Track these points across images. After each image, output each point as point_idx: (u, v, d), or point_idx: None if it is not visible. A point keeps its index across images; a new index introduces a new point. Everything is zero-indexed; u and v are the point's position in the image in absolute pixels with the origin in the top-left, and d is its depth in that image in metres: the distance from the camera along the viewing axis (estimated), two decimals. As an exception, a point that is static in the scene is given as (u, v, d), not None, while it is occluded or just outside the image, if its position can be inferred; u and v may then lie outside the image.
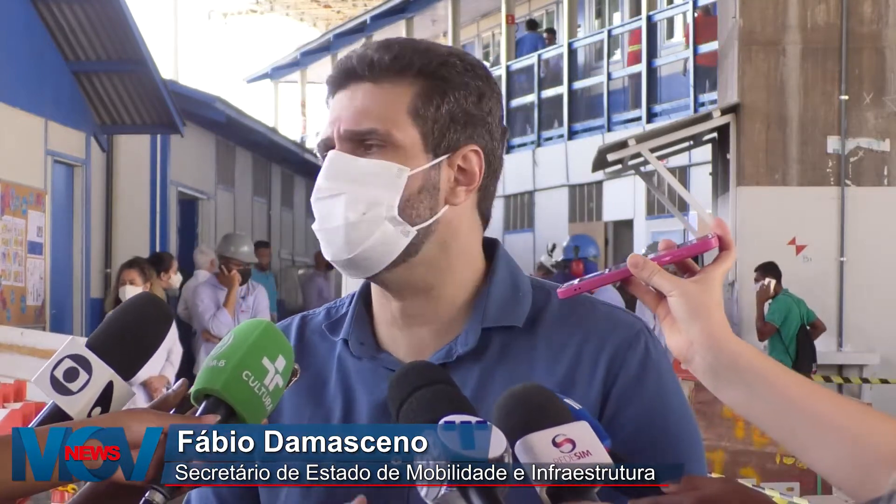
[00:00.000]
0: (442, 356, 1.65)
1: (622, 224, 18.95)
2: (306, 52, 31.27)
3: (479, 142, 1.65)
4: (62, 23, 11.84)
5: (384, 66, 1.63)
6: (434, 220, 1.63)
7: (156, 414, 1.51)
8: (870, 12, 10.66)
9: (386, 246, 1.61)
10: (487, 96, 1.66)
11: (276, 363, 1.54)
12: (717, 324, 1.41)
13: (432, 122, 1.62)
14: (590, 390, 1.60)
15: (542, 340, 1.65)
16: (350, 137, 1.62)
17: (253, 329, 1.55)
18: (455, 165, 1.64)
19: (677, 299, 1.41)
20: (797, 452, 1.39)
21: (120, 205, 14.94)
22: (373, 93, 1.62)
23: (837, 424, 1.36)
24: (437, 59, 1.64)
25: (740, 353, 1.40)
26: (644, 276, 1.44)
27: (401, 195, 1.60)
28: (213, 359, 1.53)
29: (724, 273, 1.44)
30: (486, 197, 1.69)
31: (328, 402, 1.70)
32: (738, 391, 1.40)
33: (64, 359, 1.58)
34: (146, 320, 1.64)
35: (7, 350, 7.56)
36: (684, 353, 1.42)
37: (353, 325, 1.71)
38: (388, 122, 1.61)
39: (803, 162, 10.65)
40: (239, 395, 1.51)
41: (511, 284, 1.69)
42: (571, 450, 1.36)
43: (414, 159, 1.62)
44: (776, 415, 1.38)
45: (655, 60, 17.69)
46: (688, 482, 1.45)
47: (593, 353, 1.62)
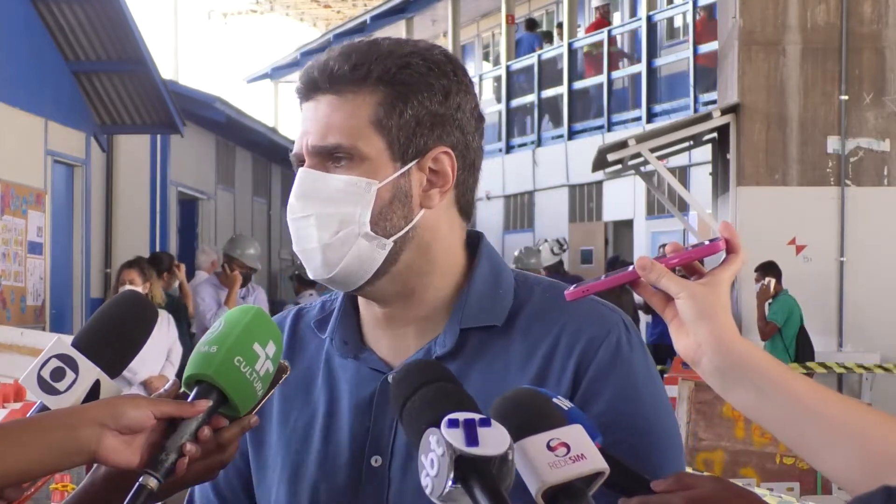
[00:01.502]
0: (422, 355, 1.65)
1: (622, 224, 18.95)
2: (306, 52, 31.24)
3: (448, 141, 1.63)
4: (62, 23, 11.84)
5: (344, 77, 1.61)
6: (410, 227, 1.62)
7: (149, 400, 1.52)
8: (870, 12, 10.66)
9: (363, 262, 1.61)
10: (454, 92, 1.64)
11: (267, 349, 1.55)
12: (724, 326, 1.40)
13: (397, 129, 1.60)
14: (559, 389, 1.58)
15: (518, 338, 1.64)
16: (317, 152, 1.61)
17: (244, 315, 1.56)
18: (426, 168, 1.62)
19: (685, 301, 1.41)
20: (806, 454, 1.39)
21: (120, 205, 14.94)
22: (335, 105, 1.61)
23: (846, 426, 1.36)
24: (396, 64, 1.61)
25: (748, 354, 1.40)
26: (652, 279, 1.43)
27: (371, 209, 1.60)
28: (205, 344, 1.54)
29: (733, 276, 1.44)
30: (464, 192, 1.67)
31: (314, 398, 1.71)
32: (746, 393, 1.39)
33: (50, 358, 1.58)
34: (131, 318, 1.65)
35: (7, 350, 7.56)
36: (692, 355, 1.42)
37: (339, 324, 1.72)
38: (352, 136, 1.60)
39: (803, 162, 10.66)
40: (231, 381, 1.52)
41: (492, 282, 1.68)
42: (566, 453, 1.36)
43: (382, 170, 1.60)
44: (785, 417, 1.38)
45: (655, 60, 17.69)
46: (678, 480, 1.45)
47: (566, 348, 1.62)
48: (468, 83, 1.67)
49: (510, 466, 1.31)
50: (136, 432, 1.48)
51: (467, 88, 1.66)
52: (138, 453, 1.48)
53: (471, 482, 1.28)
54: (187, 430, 1.50)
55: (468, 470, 1.29)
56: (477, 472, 1.29)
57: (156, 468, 1.47)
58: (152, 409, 1.49)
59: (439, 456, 1.30)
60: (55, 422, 1.48)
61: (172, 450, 1.48)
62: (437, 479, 1.30)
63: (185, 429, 1.50)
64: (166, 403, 1.52)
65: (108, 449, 1.46)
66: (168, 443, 1.49)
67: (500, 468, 1.30)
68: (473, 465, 1.29)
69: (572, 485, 1.36)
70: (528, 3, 24.47)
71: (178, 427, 1.50)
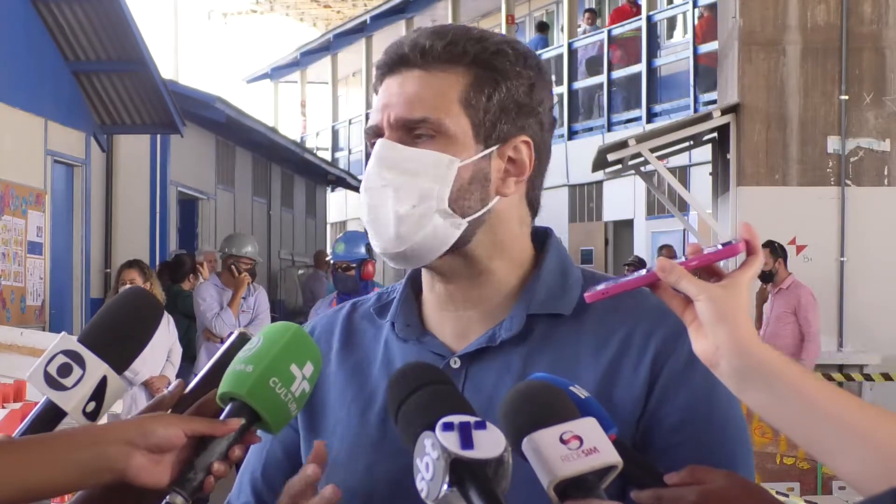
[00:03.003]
0: (485, 340, 1.64)
1: (622, 224, 18.95)
2: (306, 52, 31.24)
3: (529, 132, 1.63)
4: (62, 23, 11.83)
5: (436, 54, 1.60)
6: (485, 210, 1.62)
7: (180, 418, 1.49)
8: (870, 12, 10.65)
9: (437, 239, 1.60)
10: (539, 87, 1.64)
11: (304, 370, 1.53)
12: (743, 328, 1.40)
13: (484, 112, 1.60)
14: (635, 379, 1.58)
15: (588, 328, 1.63)
16: (401, 126, 1.60)
17: (282, 334, 1.53)
18: (505, 156, 1.62)
19: (704, 304, 1.41)
20: (821, 457, 1.38)
21: (120, 205, 14.93)
22: (424, 80, 1.60)
23: (863, 429, 1.35)
24: (490, 48, 1.61)
25: (767, 357, 1.39)
26: (671, 281, 1.43)
27: (451, 187, 1.59)
28: (241, 362, 1.51)
29: (752, 278, 1.43)
30: (534, 187, 1.68)
31: (372, 384, 1.69)
32: (763, 395, 1.39)
33: (57, 354, 1.57)
34: (137, 314, 1.64)
35: (7, 350, 7.55)
36: (710, 358, 1.42)
37: (401, 307, 1.71)
38: (439, 111, 1.59)
39: (803, 162, 10.65)
40: (264, 402, 1.49)
41: (560, 273, 1.68)
42: (579, 446, 1.35)
43: (465, 150, 1.60)
44: (801, 419, 1.38)
45: (655, 60, 17.68)
46: (691, 474, 1.45)
47: (641, 341, 1.60)
48: (549, 83, 1.69)
49: (506, 469, 1.30)
50: (165, 451, 1.45)
51: (548, 87, 1.68)
52: (168, 472, 1.45)
53: (466, 486, 1.27)
54: (218, 449, 1.47)
55: (464, 473, 1.28)
56: (472, 476, 1.28)
57: (183, 486, 1.44)
58: (183, 427, 1.46)
59: (434, 459, 1.29)
60: (84, 439, 1.45)
61: (201, 468, 1.45)
62: (432, 482, 1.29)
63: (215, 447, 1.47)
64: (198, 422, 1.49)
65: (138, 468, 1.44)
66: (198, 461, 1.46)
67: (496, 471, 1.29)
68: (469, 468, 1.28)
69: (584, 478, 1.35)
70: (528, 3, 24.47)
71: (208, 445, 1.47)
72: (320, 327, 1.79)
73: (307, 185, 25.59)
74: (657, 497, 1.44)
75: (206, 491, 1.46)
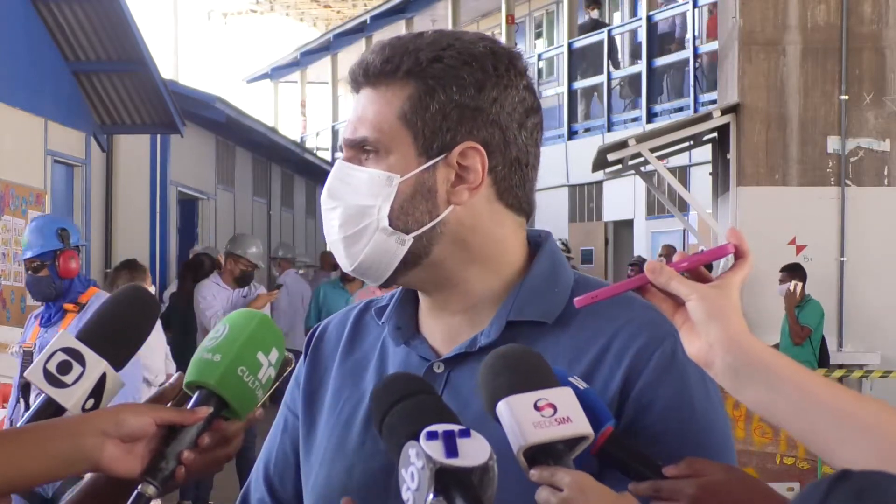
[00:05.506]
0: (466, 345, 1.64)
1: (622, 224, 18.96)
2: (306, 52, 31.25)
3: (479, 136, 1.60)
4: (62, 23, 11.83)
5: (376, 71, 1.61)
6: (436, 223, 1.60)
7: (150, 407, 1.52)
8: (870, 12, 10.65)
9: (384, 255, 1.61)
10: (490, 86, 1.60)
11: (270, 356, 1.56)
12: (736, 325, 1.40)
13: (423, 123, 1.59)
14: (605, 393, 1.56)
15: (567, 339, 1.62)
16: (350, 145, 1.63)
17: (248, 322, 1.56)
18: (454, 164, 1.60)
19: (696, 302, 1.40)
20: (820, 451, 1.37)
21: (120, 205, 14.93)
22: (369, 98, 1.62)
23: (861, 422, 1.35)
24: (427, 58, 1.59)
25: (761, 352, 1.39)
26: (662, 282, 1.43)
27: (391, 203, 1.59)
28: (208, 351, 1.53)
29: (742, 280, 1.43)
30: (509, 188, 1.64)
31: (365, 384, 1.71)
32: (759, 390, 1.38)
33: (56, 352, 1.58)
34: (134, 311, 1.65)
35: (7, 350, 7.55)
36: (704, 357, 1.41)
37: (395, 310, 1.72)
38: (378, 130, 1.60)
39: (803, 162, 10.64)
40: (233, 390, 1.52)
41: (549, 279, 1.66)
42: (552, 414, 1.37)
43: (406, 165, 1.59)
44: (799, 413, 1.37)
45: (655, 60, 17.68)
46: (690, 466, 1.45)
47: (618, 351, 1.59)
48: (512, 77, 1.63)
49: (492, 476, 1.30)
50: (137, 440, 1.48)
51: (509, 83, 1.62)
52: (139, 461, 1.48)
53: (452, 494, 1.27)
54: (187, 438, 1.49)
55: (449, 482, 1.27)
56: (458, 484, 1.27)
57: (155, 476, 1.47)
58: (153, 416, 1.49)
59: (419, 469, 1.28)
60: (59, 431, 1.47)
61: (172, 457, 1.48)
62: (417, 492, 1.28)
63: (185, 436, 1.49)
64: (167, 410, 1.51)
65: (110, 459, 1.46)
66: (168, 450, 1.48)
67: (482, 479, 1.29)
68: (454, 476, 1.28)
69: (554, 446, 1.36)
70: (528, 3, 24.47)
71: (178, 434, 1.49)
72: (334, 323, 1.81)
73: (307, 185, 25.60)
74: (656, 489, 1.44)
75: (178, 480, 1.48)
